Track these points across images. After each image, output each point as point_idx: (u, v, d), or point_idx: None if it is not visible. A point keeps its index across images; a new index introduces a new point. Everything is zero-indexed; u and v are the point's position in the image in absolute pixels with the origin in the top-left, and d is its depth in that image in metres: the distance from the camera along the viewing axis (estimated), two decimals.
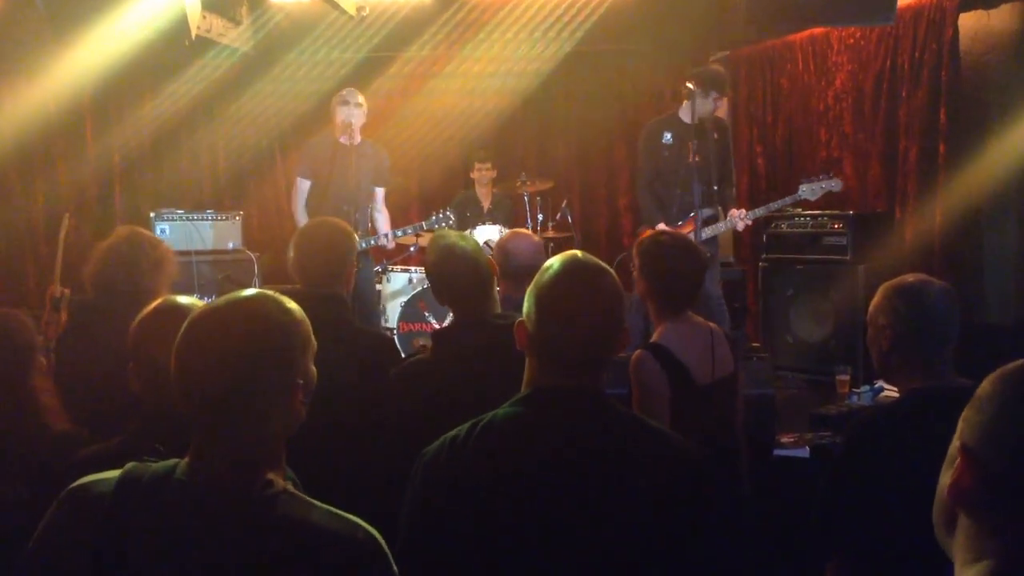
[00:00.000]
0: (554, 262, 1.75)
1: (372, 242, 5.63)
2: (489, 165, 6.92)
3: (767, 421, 3.98)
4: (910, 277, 2.26)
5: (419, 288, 6.35)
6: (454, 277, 2.67)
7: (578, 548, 1.59)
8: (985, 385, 1.12)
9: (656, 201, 5.62)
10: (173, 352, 1.43)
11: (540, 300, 1.71)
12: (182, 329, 1.45)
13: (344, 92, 5.56)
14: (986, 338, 4.38)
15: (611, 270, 1.76)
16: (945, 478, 1.14)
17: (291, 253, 2.95)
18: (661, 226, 5.51)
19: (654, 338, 2.86)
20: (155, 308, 1.98)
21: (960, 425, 1.13)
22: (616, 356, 1.77)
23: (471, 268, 2.65)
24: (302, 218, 5.52)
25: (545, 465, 1.62)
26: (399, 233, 5.76)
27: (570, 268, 1.73)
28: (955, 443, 1.13)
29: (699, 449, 1.74)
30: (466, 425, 1.69)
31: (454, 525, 1.63)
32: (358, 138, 5.50)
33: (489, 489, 1.63)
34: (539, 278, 1.74)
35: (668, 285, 2.88)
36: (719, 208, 5.45)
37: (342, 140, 5.44)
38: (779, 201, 5.51)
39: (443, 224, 5.83)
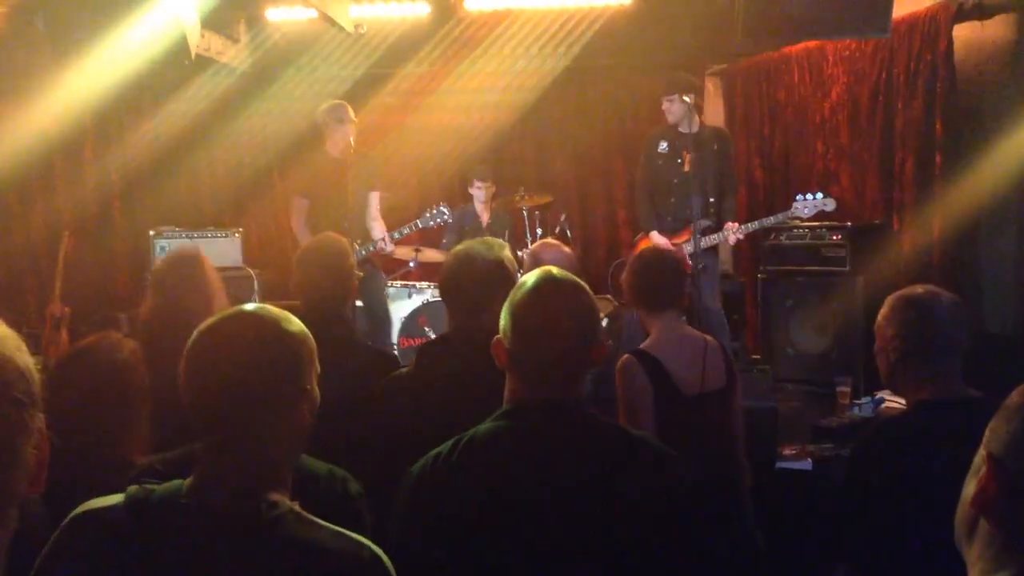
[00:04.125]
0: (529, 278, 1.78)
1: (372, 247, 5.64)
2: (489, 182, 6.95)
3: (769, 433, 3.98)
4: (918, 288, 2.27)
5: (419, 304, 6.36)
6: (457, 280, 2.60)
7: (564, 560, 1.61)
8: (1014, 395, 1.13)
9: (651, 209, 5.67)
10: (182, 364, 1.43)
11: (515, 316, 1.74)
12: (192, 339, 1.45)
13: (339, 111, 5.55)
14: (985, 348, 4.39)
15: (585, 286, 1.79)
16: (970, 487, 1.14)
17: (294, 272, 2.97)
18: (654, 235, 5.57)
19: (642, 344, 2.88)
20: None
21: (987, 434, 1.13)
22: (591, 368, 1.78)
23: (477, 276, 2.56)
24: (303, 236, 5.54)
25: (529, 478, 1.64)
26: (396, 235, 5.75)
27: (544, 284, 1.75)
28: (981, 452, 1.14)
29: (681, 457, 1.75)
30: (449, 442, 1.71)
31: (441, 541, 1.64)
32: (349, 150, 5.54)
33: (474, 504, 1.64)
34: (514, 295, 1.77)
35: (643, 284, 2.95)
36: (716, 219, 5.50)
37: (335, 154, 5.48)
38: (772, 217, 5.56)
39: (438, 220, 5.83)
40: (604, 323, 5.35)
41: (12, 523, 1.04)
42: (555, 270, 1.81)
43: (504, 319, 1.75)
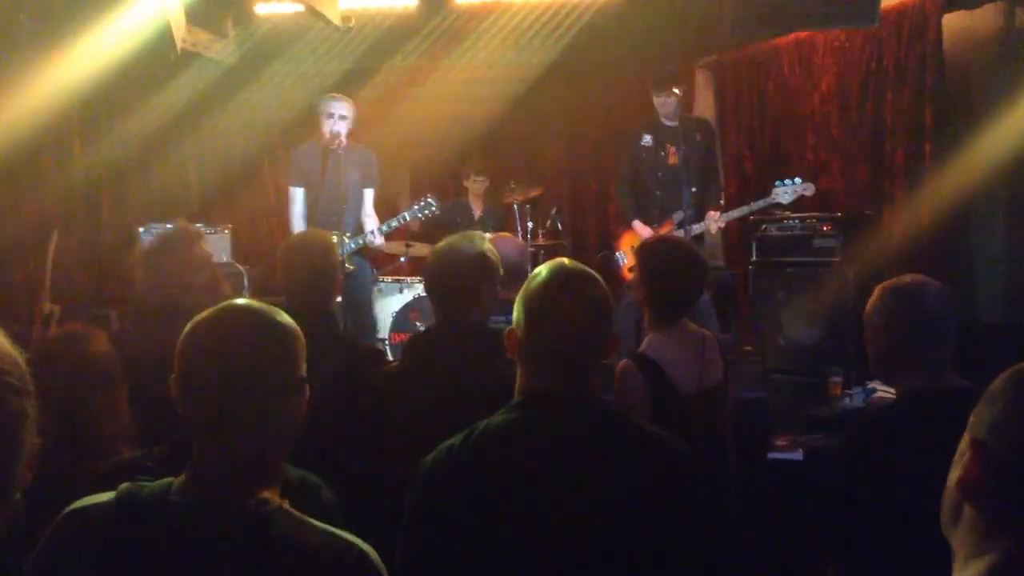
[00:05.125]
0: (542, 270, 1.78)
1: (362, 241, 5.61)
2: (484, 176, 6.93)
3: (760, 424, 3.98)
4: (907, 278, 2.27)
5: (409, 298, 6.35)
6: (442, 275, 2.60)
7: (578, 549, 1.61)
8: (998, 381, 1.14)
9: (634, 201, 5.70)
10: (176, 357, 1.43)
11: (529, 307, 1.73)
12: (183, 334, 1.44)
13: (330, 104, 5.55)
14: (975, 337, 4.39)
15: (598, 276, 1.79)
16: (955, 472, 1.15)
17: (279, 268, 2.95)
18: (637, 224, 5.59)
19: (642, 347, 2.86)
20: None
21: (971, 420, 1.14)
22: (607, 360, 1.78)
23: (462, 270, 2.56)
24: (299, 227, 5.54)
25: (542, 470, 1.64)
26: (385, 228, 5.72)
27: (557, 275, 1.75)
28: (966, 437, 1.15)
29: (693, 451, 1.76)
30: (461, 434, 1.71)
31: (455, 533, 1.64)
32: (345, 143, 5.52)
33: (488, 496, 1.64)
34: (527, 286, 1.76)
35: (668, 293, 2.87)
36: (698, 209, 5.53)
37: (327, 145, 5.48)
38: (752, 204, 5.60)
39: (427, 211, 5.79)
40: None
41: (10, 511, 1.05)
42: (568, 261, 1.81)
43: (517, 310, 1.75)
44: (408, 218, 5.80)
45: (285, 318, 1.50)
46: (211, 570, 1.32)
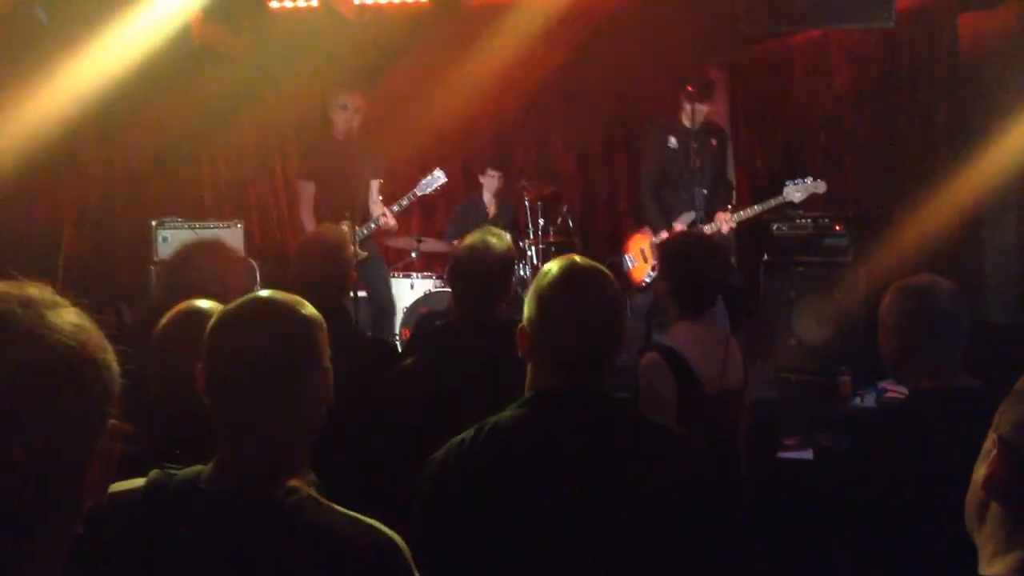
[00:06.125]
0: (553, 266, 1.78)
1: (373, 226, 5.62)
2: (499, 171, 6.94)
3: (770, 424, 3.98)
4: (920, 277, 2.28)
5: (420, 294, 6.36)
6: (472, 269, 2.64)
7: (586, 545, 1.62)
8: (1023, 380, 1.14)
9: (659, 205, 5.68)
10: (204, 348, 1.45)
11: (540, 304, 1.74)
12: (210, 325, 1.46)
13: (342, 97, 5.60)
14: (986, 339, 4.38)
15: (610, 274, 1.79)
16: (980, 471, 1.16)
17: (292, 263, 2.98)
18: (664, 235, 5.58)
19: (666, 339, 2.86)
20: (178, 312, 1.99)
21: (996, 418, 1.15)
22: (616, 357, 1.79)
23: (494, 266, 2.62)
24: (309, 221, 5.57)
25: (551, 465, 1.65)
26: (396, 208, 5.72)
27: (569, 272, 1.75)
28: (991, 435, 1.15)
29: (702, 447, 1.76)
30: (471, 430, 1.72)
31: (464, 528, 1.65)
32: (354, 135, 5.56)
33: (497, 491, 1.65)
34: (538, 282, 1.77)
35: (691, 287, 2.88)
36: (709, 211, 5.54)
37: (339, 139, 5.50)
38: (763, 203, 5.59)
39: (435, 185, 5.81)
40: None
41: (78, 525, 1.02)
42: (579, 258, 1.81)
43: (529, 307, 1.75)
44: (418, 193, 5.81)
45: (309, 308, 1.52)
46: (243, 559, 1.34)
